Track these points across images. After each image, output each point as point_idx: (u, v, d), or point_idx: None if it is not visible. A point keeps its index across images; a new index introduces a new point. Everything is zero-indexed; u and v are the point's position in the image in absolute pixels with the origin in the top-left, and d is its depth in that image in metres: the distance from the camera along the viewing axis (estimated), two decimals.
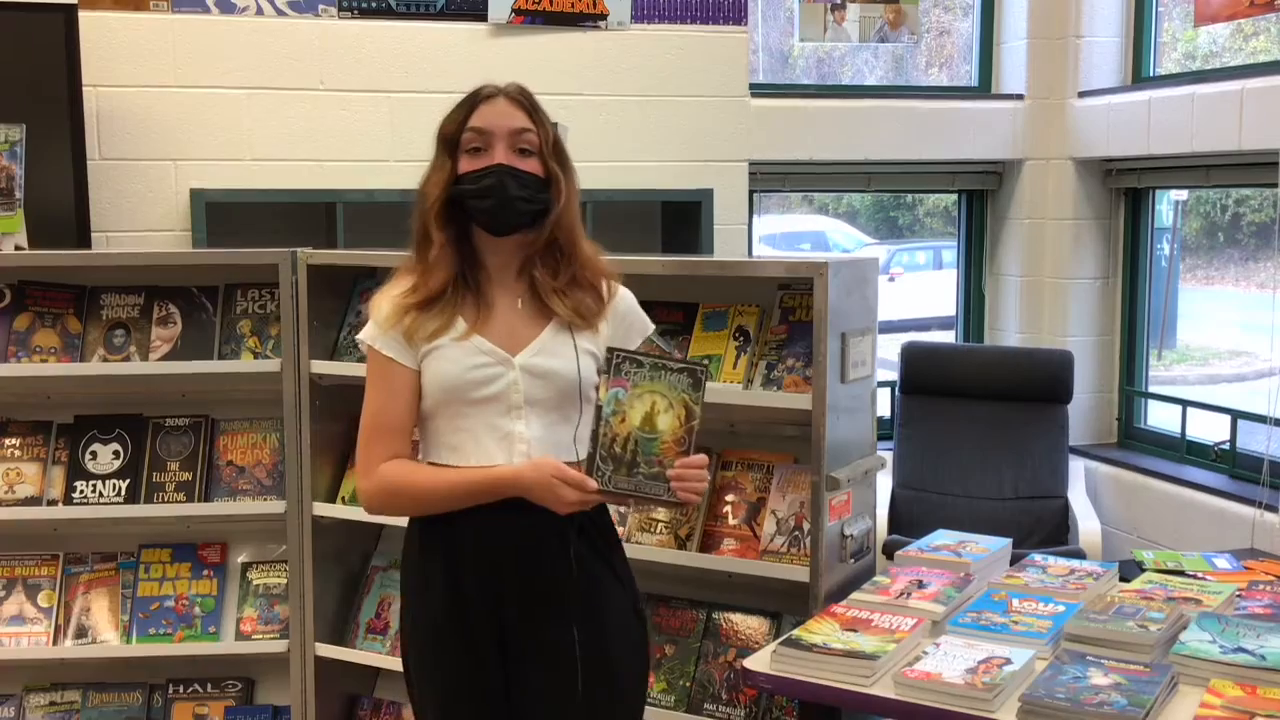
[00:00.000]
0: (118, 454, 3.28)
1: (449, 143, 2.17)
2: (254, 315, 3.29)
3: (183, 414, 3.33)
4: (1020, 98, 4.85)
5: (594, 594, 2.17)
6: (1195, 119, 4.19)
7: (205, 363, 3.24)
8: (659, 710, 2.86)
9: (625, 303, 2.28)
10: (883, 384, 4.45)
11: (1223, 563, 3.06)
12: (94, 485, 3.24)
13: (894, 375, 4.60)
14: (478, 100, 2.17)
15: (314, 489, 3.21)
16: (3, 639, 3.22)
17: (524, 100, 2.18)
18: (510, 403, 2.14)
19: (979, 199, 5.11)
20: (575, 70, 4.12)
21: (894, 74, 5.27)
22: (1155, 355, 4.94)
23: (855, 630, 2.37)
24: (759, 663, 2.37)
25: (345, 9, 3.97)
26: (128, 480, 3.25)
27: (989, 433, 4.42)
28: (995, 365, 4.61)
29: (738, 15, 4.26)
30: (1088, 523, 4.25)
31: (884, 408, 4.78)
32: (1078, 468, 4.57)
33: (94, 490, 3.24)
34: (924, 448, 4.46)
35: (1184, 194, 4.90)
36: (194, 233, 3.85)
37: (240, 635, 3.29)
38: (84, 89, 3.64)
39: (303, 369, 3.18)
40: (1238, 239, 4.96)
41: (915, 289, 6.49)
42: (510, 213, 2.14)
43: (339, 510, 3.23)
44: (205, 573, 3.34)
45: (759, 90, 4.51)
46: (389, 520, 2.98)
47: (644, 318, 2.32)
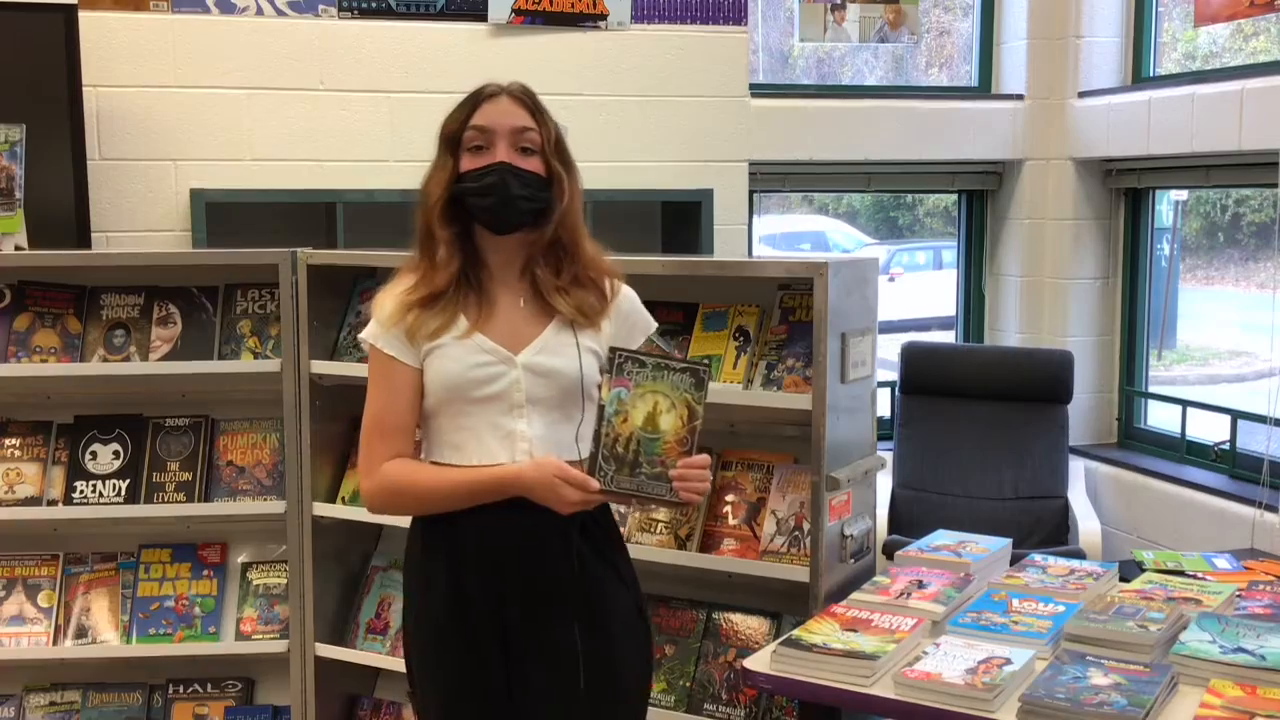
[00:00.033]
0: (118, 454, 3.28)
1: (451, 141, 2.17)
2: (254, 315, 3.29)
3: (183, 414, 3.33)
4: (1020, 98, 4.85)
5: (597, 594, 2.17)
6: (1195, 119, 4.19)
7: (205, 363, 3.24)
8: (659, 710, 2.86)
9: (628, 301, 2.28)
10: (883, 384, 4.45)
11: (1223, 563, 3.06)
12: (94, 485, 3.24)
13: (894, 375, 4.60)
14: (480, 99, 2.17)
15: (314, 489, 3.21)
16: (3, 639, 3.22)
17: (527, 99, 2.18)
18: (512, 401, 2.14)
19: (979, 199, 5.11)
20: (575, 70, 4.12)
21: (894, 74, 5.27)
22: (1155, 355, 4.94)
23: (855, 630, 2.37)
24: (759, 663, 2.37)
25: (345, 9, 3.97)
26: (128, 480, 3.25)
27: (989, 433, 4.42)
28: (995, 365, 4.61)
29: (738, 15, 4.26)
30: (1088, 523, 4.25)
31: (884, 408, 4.77)
32: (1078, 468, 4.57)
33: (94, 490, 3.24)
34: (924, 448, 4.46)
35: (1184, 194, 4.90)
36: (194, 233, 3.85)
37: (240, 635, 3.29)
38: (84, 89, 3.64)
39: (303, 369, 3.18)
40: (1238, 239, 4.96)
41: (915, 289, 6.48)
42: (511, 211, 2.13)
43: (339, 510, 3.23)
44: (205, 573, 3.34)
45: (759, 90, 4.51)
46: (389, 520, 2.98)
47: (646, 316, 2.32)
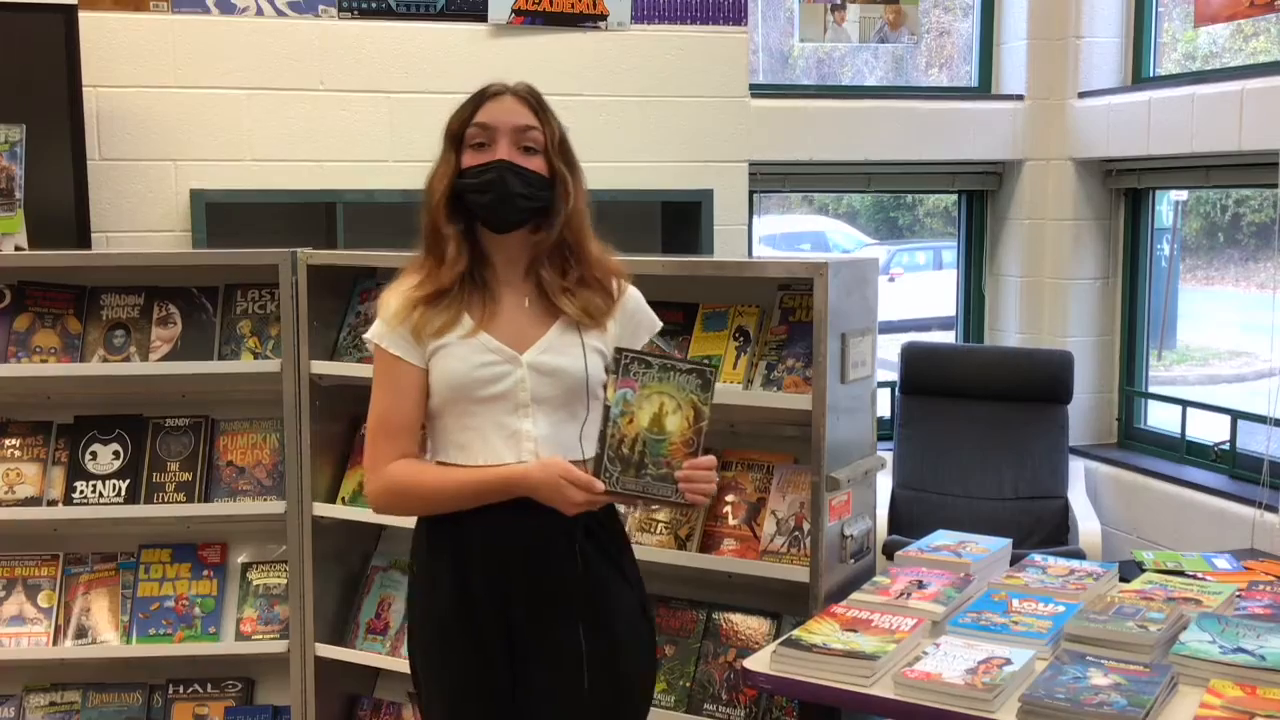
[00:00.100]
0: (118, 454, 3.28)
1: (455, 138, 2.18)
2: (254, 315, 3.29)
3: (183, 414, 3.33)
4: (1020, 98, 4.85)
5: (601, 594, 2.17)
6: (1195, 119, 4.19)
7: (205, 363, 3.24)
8: (659, 710, 2.85)
9: (634, 301, 2.29)
10: (883, 384, 4.45)
11: (1223, 563, 3.06)
12: (94, 485, 3.24)
13: (894, 375, 4.60)
14: (485, 97, 2.17)
15: (314, 489, 3.21)
16: (3, 639, 3.22)
17: (531, 99, 2.18)
18: (518, 401, 2.14)
19: (979, 199, 5.11)
20: (575, 70, 4.11)
21: (894, 74, 5.27)
22: (1155, 355, 4.94)
23: (855, 630, 2.37)
24: (759, 663, 2.37)
25: (345, 9, 3.97)
26: (128, 480, 3.25)
27: (989, 433, 4.42)
28: (995, 365, 4.61)
29: (738, 15, 4.26)
30: (1088, 523, 4.25)
31: (884, 408, 4.78)
32: (1078, 468, 4.57)
33: (94, 490, 3.24)
34: (924, 448, 4.46)
35: (1184, 194, 4.90)
36: (194, 233, 3.84)
37: (240, 635, 3.29)
38: (84, 89, 3.64)
39: (303, 369, 3.18)
40: (1238, 239, 4.96)
41: (915, 289, 6.48)
42: (510, 209, 2.14)
43: (339, 510, 3.23)
44: (205, 573, 3.34)
45: (759, 90, 4.51)
46: (389, 520, 2.99)
47: (652, 316, 2.32)
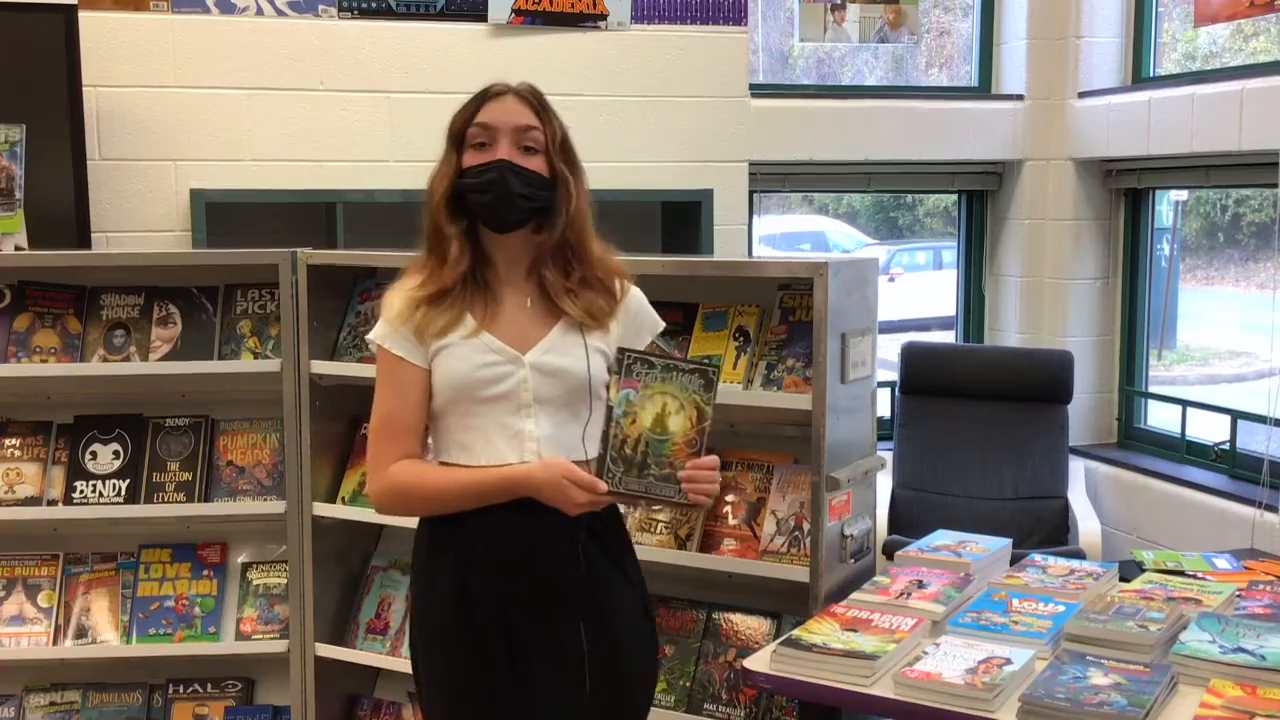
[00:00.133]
0: (118, 454, 3.28)
1: (456, 138, 2.18)
2: (254, 315, 3.29)
3: (183, 414, 3.33)
4: (1020, 98, 4.85)
5: (604, 595, 2.17)
6: (1195, 119, 4.19)
7: (205, 363, 3.24)
8: (659, 710, 2.85)
9: (636, 301, 2.28)
10: (883, 384, 4.45)
11: (1223, 563, 3.06)
12: (94, 485, 3.24)
13: (894, 375, 4.60)
14: (487, 97, 2.18)
15: (314, 489, 3.21)
16: (3, 639, 3.22)
17: (532, 99, 2.18)
18: (520, 401, 2.14)
19: (979, 199, 5.11)
20: (575, 70, 4.11)
21: (894, 74, 5.27)
22: (1155, 355, 4.94)
23: (855, 630, 2.37)
24: (759, 663, 2.37)
25: (345, 9, 3.97)
26: (128, 480, 3.25)
27: (989, 433, 4.42)
28: (995, 365, 4.61)
29: (738, 15, 4.26)
30: (1088, 523, 4.25)
31: (884, 408, 4.77)
32: (1078, 468, 4.57)
33: (94, 490, 3.24)
34: (924, 448, 4.46)
35: (1184, 194, 4.90)
36: (194, 233, 3.84)
37: (240, 635, 3.29)
38: (84, 89, 3.64)
39: (303, 369, 3.18)
40: (1238, 239, 4.96)
41: (915, 289, 6.48)
42: (510, 209, 2.14)
43: (339, 510, 3.23)
44: (205, 573, 3.34)
45: (759, 90, 4.51)
46: (389, 520, 2.98)
47: (654, 316, 2.32)
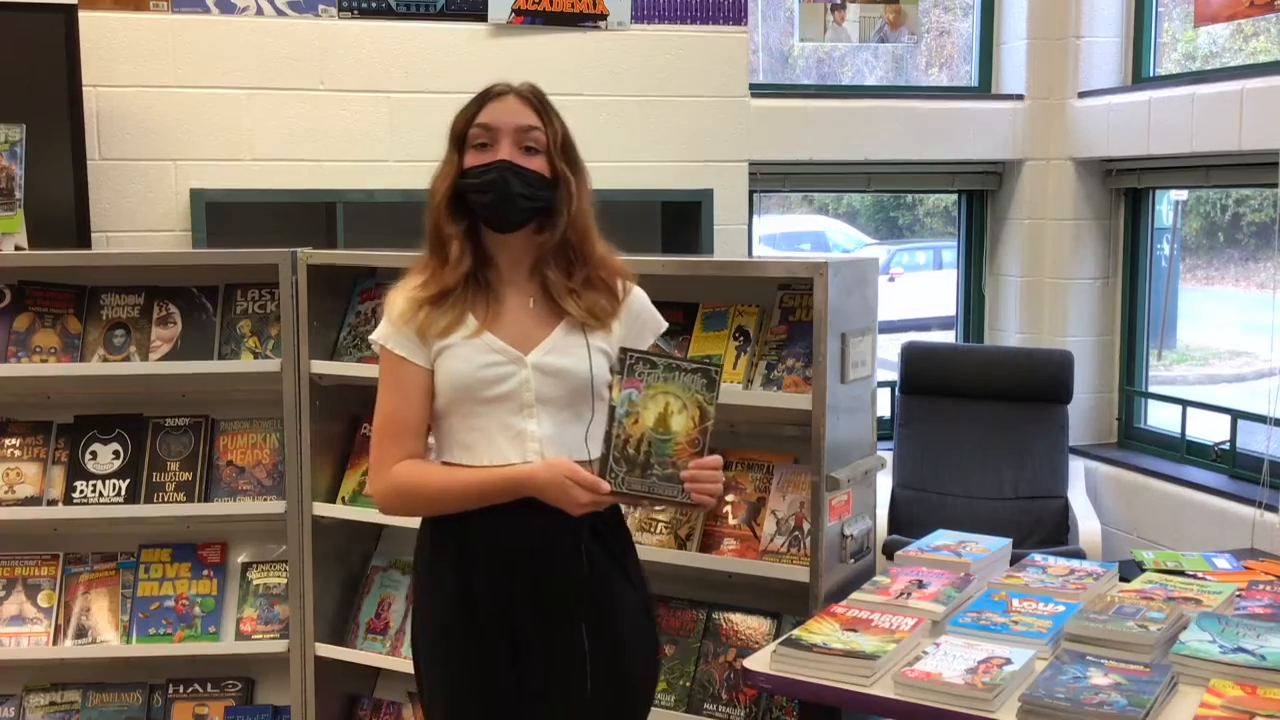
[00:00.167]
0: (118, 454, 3.28)
1: (458, 139, 2.18)
2: (254, 315, 3.29)
3: (183, 414, 3.33)
4: (1020, 98, 4.85)
5: (605, 595, 2.17)
6: (1195, 119, 4.19)
7: (205, 363, 3.24)
8: (659, 710, 2.85)
9: (639, 302, 2.28)
10: (883, 384, 4.45)
11: (1223, 563, 3.06)
12: (94, 485, 3.24)
13: (894, 375, 4.60)
14: (488, 97, 2.17)
15: (314, 489, 3.21)
16: (3, 639, 3.22)
17: (534, 99, 2.18)
18: (522, 401, 2.14)
19: (979, 199, 5.11)
20: (575, 70, 4.11)
21: (894, 74, 5.27)
22: (1155, 355, 4.94)
23: (855, 630, 2.37)
24: (759, 663, 2.37)
25: (345, 9, 3.97)
26: (128, 480, 3.25)
27: (989, 433, 4.42)
28: (995, 365, 4.60)
29: (738, 15, 4.26)
30: (1088, 523, 4.25)
31: (884, 408, 4.78)
32: (1078, 468, 4.57)
33: (94, 490, 3.24)
34: (924, 448, 4.46)
35: (1184, 194, 4.90)
36: (194, 233, 3.85)
37: (240, 635, 3.29)
38: (84, 89, 3.64)
39: (303, 369, 3.18)
40: (1238, 239, 4.96)
41: (915, 289, 6.49)
42: (511, 209, 2.13)
43: (339, 510, 3.23)
44: (205, 573, 3.34)
45: (759, 90, 4.51)
46: (389, 520, 2.98)
47: (657, 316, 2.32)
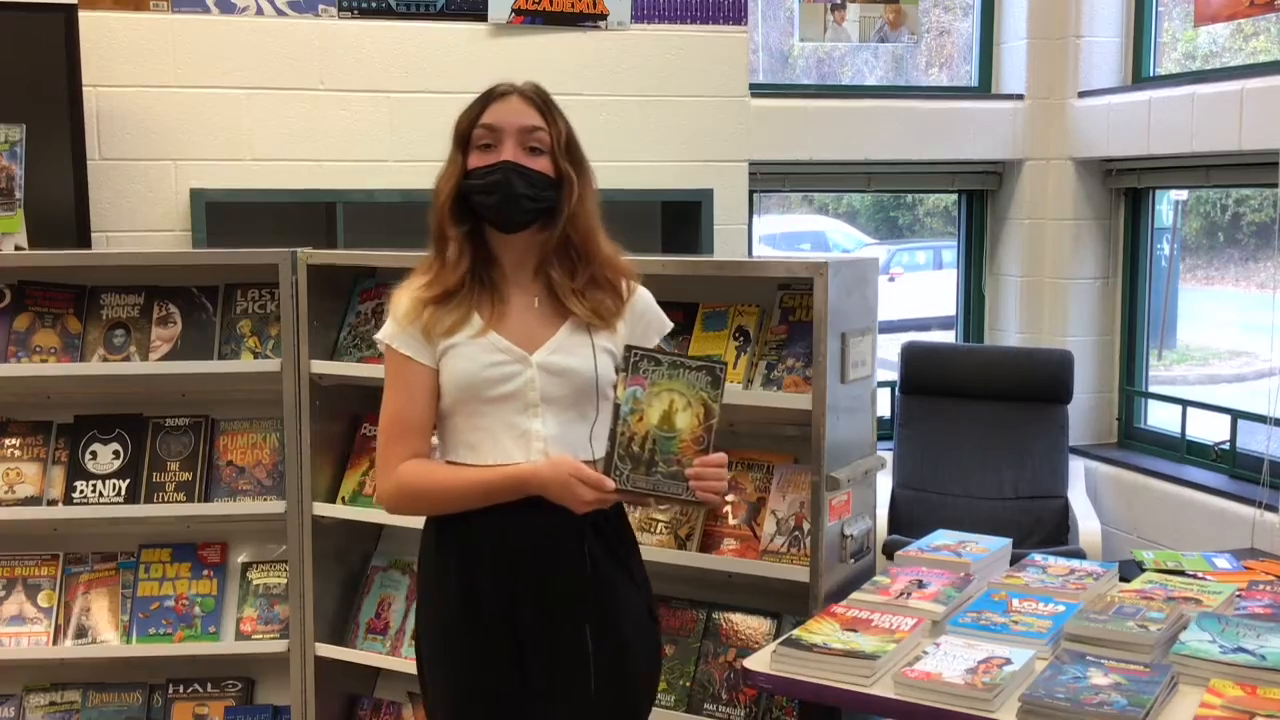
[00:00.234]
0: (118, 454, 3.28)
1: (462, 139, 2.18)
2: (254, 315, 3.29)
3: (183, 414, 3.33)
4: (1020, 98, 4.85)
5: (609, 595, 2.17)
6: (1195, 119, 4.19)
7: (205, 363, 3.24)
8: (659, 710, 2.84)
9: (643, 302, 2.28)
10: (883, 384, 4.45)
11: (1223, 563, 3.06)
12: (94, 485, 3.24)
13: (894, 375, 4.60)
14: (492, 98, 2.17)
15: (314, 489, 3.21)
16: (3, 639, 3.22)
17: (537, 99, 2.18)
18: (527, 400, 2.14)
19: (979, 199, 5.11)
20: (575, 70, 4.11)
21: (894, 74, 5.27)
22: (1155, 355, 4.94)
23: (855, 630, 2.37)
24: (759, 663, 2.36)
25: (345, 9, 3.97)
26: (128, 480, 3.25)
27: (989, 433, 4.42)
28: (995, 365, 4.60)
29: (738, 15, 4.26)
30: (1088, 523, 4.25)
31: (884, 408, 4.78)
32: (1078, 468, 4.57)
33: (94, 490, 3.24)
34: (924, 448, 4.46)
35: (1184, 194, 4.90)
36: (194, 233, 3.85)
37: (240, 635, 3.29)
38: (84, 89, 3.64)
39: (303, 369, 3.18)
40: (1238, 239, 4.96)
41: (915, 289, 6.49)
42: (515, 210, 2.13)
43: (339, 510, 3.23)
44: (205, 573, 3.34)
45: (759, 90, 4.51)
46: (389, 520, 2.99)
47: (662, 316, 2.32)
